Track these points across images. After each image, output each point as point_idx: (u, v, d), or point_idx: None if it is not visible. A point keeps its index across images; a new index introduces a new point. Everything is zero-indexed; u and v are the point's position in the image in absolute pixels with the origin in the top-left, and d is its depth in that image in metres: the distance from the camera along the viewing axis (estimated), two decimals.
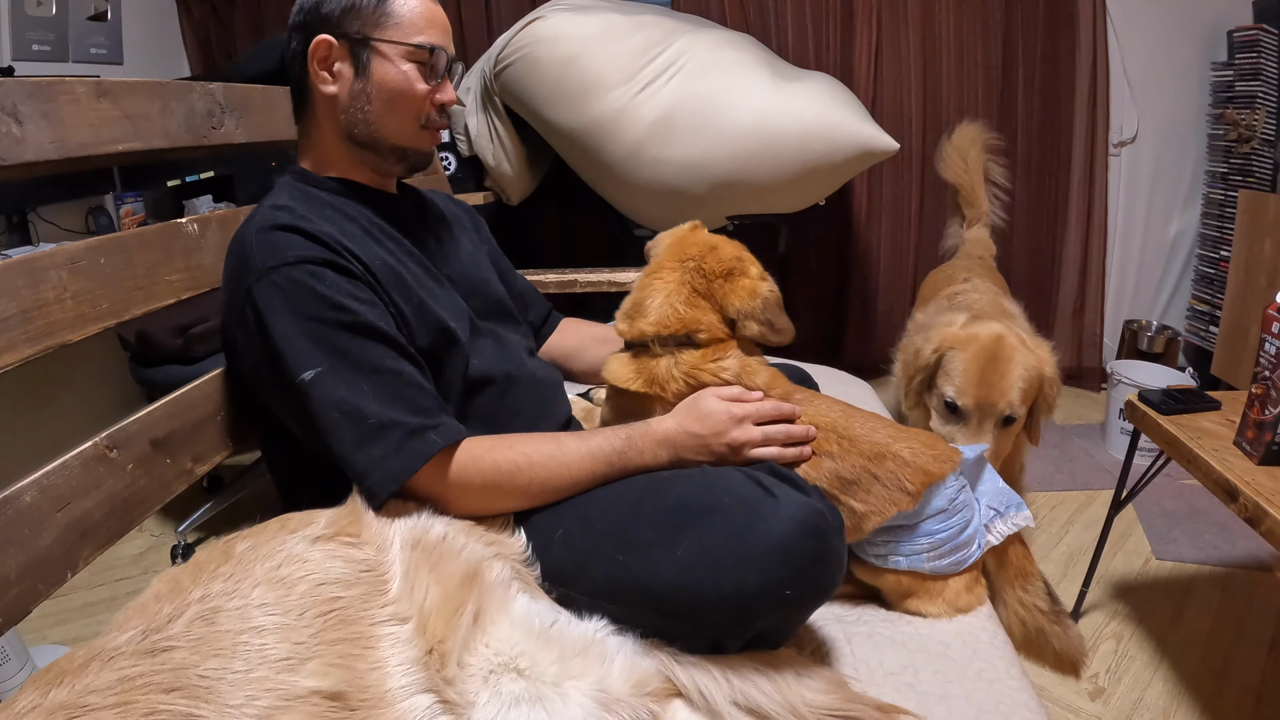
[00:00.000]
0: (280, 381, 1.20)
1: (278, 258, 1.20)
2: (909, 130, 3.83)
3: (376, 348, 1.21)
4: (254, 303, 1.20)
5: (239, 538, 0.99)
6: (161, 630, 0.81)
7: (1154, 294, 3.99)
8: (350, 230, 1.31)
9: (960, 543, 1.35)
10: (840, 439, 1.35)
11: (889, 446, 1.34)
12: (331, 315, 1.18)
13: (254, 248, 1.23)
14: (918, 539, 1.34)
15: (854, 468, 1.32)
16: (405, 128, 1.39)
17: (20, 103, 1.15)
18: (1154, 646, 2.19)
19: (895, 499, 1.31)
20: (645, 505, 1.18)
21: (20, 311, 1.12)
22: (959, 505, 1.35)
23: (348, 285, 1.22)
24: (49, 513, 1.10)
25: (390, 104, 1.36)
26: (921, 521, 1.33)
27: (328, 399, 1.15)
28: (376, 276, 1.28)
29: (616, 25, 2.93)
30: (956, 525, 1.34)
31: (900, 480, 1.31)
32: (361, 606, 0.89)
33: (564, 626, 1.03)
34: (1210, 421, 1.94)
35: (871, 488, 1.32)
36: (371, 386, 1.17)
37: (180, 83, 1.49)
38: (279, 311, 1.18)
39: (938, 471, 1.33)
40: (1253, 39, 3.31)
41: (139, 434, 1.27)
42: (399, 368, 1.21)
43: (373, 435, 1.15)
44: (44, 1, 3.73)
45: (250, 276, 1.21)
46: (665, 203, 3.04)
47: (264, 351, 1.21)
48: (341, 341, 1.18)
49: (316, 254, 1.22)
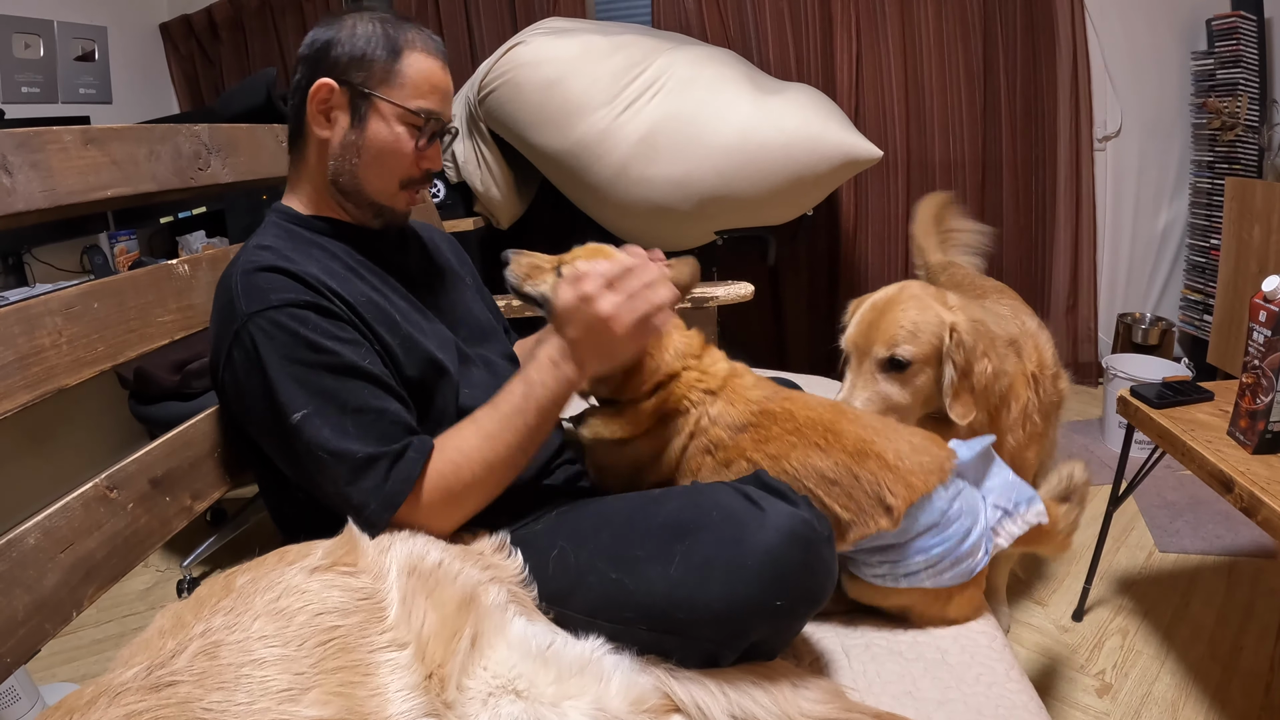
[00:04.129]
0: (268, 423, 1.23)
1: (262, 301, 1.22)
2: (893, 137, 3.86)
3: (361, 387, 1.23)
4: (241, 347, 1.22)
5: (239, 571, 1.00)
6: (165, 665, 0.82)
7: (1146, 286, 4.01)
8: (334, 269, 1.33)
9: (962, 554, 1.31)
10: (826, 433, 1.33)
11: (873, 444, 1.31)
12: (314, 358, 1.20)
13: (239, 291, 1.25)
14: (911, 558, 1.30)
15: (836, 465, 1.30)
16: (387, 185, 1.42)
17: (9, 153, 1.17)
18: (1160, 640, 2.19)
19: (875, 515, 1.28)
20: (637, 523, 1.19)
21: (17, 359, 1.14)
22: (953, 516, 1.31)
23: (330, 326, 1.24)
24: (53, 554, 1.11)
25: (378, 160, 1.39)
26: (911, 541, 1.30)
27: (315, 440, 1.18)
28: (360, 314, 1.30)
29: (597, 46, 2.97)
30: (954, 537, 1.30)
31: (880, 491, 1.28)
32: (360, 634, 0.90)
33: (561, 647, 1.03)
34: (1203, 413, 1.96)
35: (854, 492, 1.29)
36: (356, 426, 1.19)
37: (166, 126, 1.51)
38: (264, 355, 1.20)
39: (921, 486, 1.29)
40: (1231, 26, 3.34)
41: (138, 473, 1.29)
42: (383, 405, 1.23)
43: (362, 469, 1.17)
44: (32, 44, 3.77)
45: (236, 321, 1.23)
46: (653, 221, 3.06)
47: (251, 394, 1.23)
48: (325, 383, 1.20)
49: (299, 297, 1.24)
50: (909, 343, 1.65)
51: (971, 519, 1.33)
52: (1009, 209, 3.93)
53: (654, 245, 1.55)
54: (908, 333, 1.66)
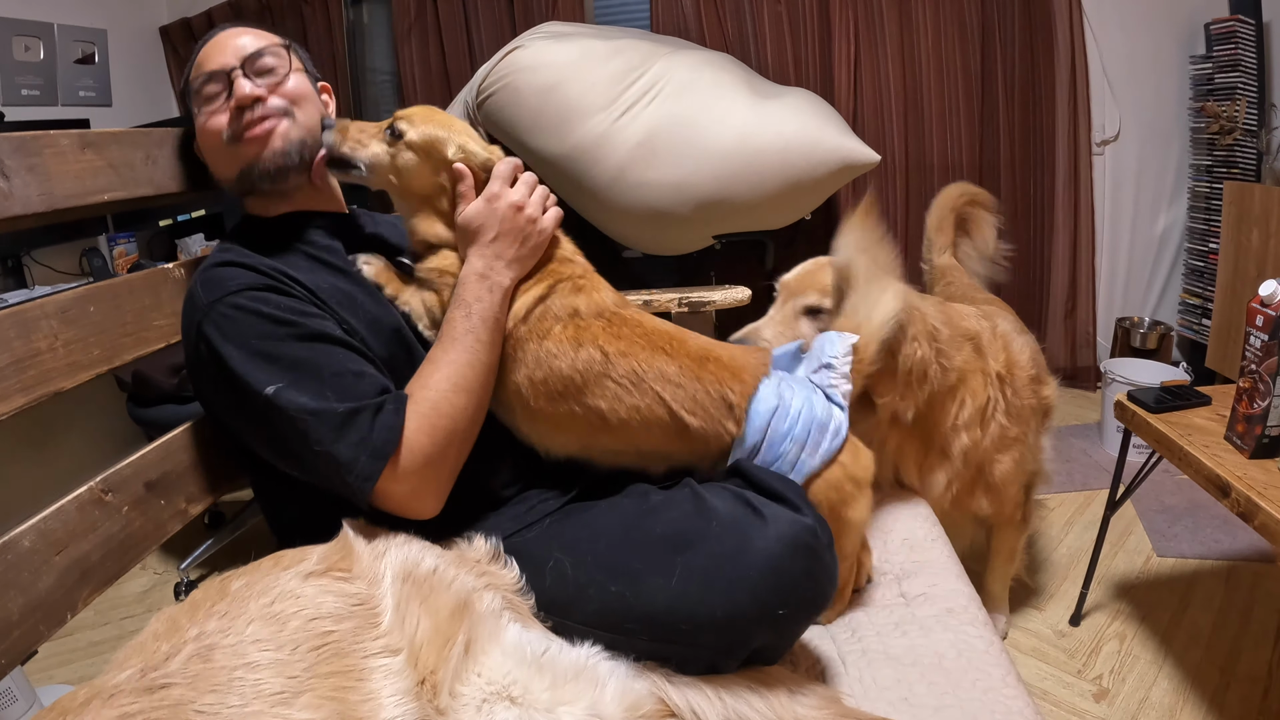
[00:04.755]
0: (246, 409, 1.21)
1: (221, 289, 1.22)
2: (891, 142, 3.86)
3: (334, 351, 1.21)
4: (206, 339, 1.21)
5: (234, 575, 1.00)
6: (159, 668, 0.83)
7: (1145, 290, 4.01)
8: (295, 261, 1.34)
9: (822, 420, 1.33)
10: (670, 340, 1.34)
11: (712, 350, 1.36)
12: (281, 331, 1.20)
13: (198, 287, 1.26)
14: (780, 446, 1.30)
15: (681, 369, 1.31)
16: (221, 158, 1.41)
17: (6, 157, 1.17)
18: (1158, 645, 2.19)
19: (723, 419, 1.31)
20: (636, 534, 1.19)
21: (13, 361, 1.14)
22: (788, 397, 1.33)
23: (291, 303, 1.24)
24: (48, 556, 1.12)
25: (205, 150, 1.44)
26: (768, 434, 1.31)
27: (293, 405, 1.15)
28: (321, 299, 1.29)
29: (595, 51, 2.97)
30: (804, 409, 1.32)
31: (722, 390, 1.31)
32: (354, 640, 0.90)
33: (556, 653, 1.04)
34: (1201, 418, 1.95)
35: (698, 395, 1.30)
36: (334, 389, 1.17)
37: (163, 130, 1.52)
38: (230, 341, 1.19)
39: (752, 381, 1.34)
40: (1229, 30, 3.34)
41: (133, 477, 1.29)
42: (360, 368, 1.22)
43: (346, 423, 1.15)
44: (31, 46, 3.77)
45: (198, 314, 1.23)
46: (651, 225, 3.07)
47: (225, 383, 1.21)
48: (296, 353, 1.19)
49: (257, 281, 1.24)
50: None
51: (806, 388, 1.37)
52: (1007, 213, 3.90)
53: (652, 249, 1.56)
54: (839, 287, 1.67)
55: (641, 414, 1.30)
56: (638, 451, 1.35)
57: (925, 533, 1.68)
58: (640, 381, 1.29)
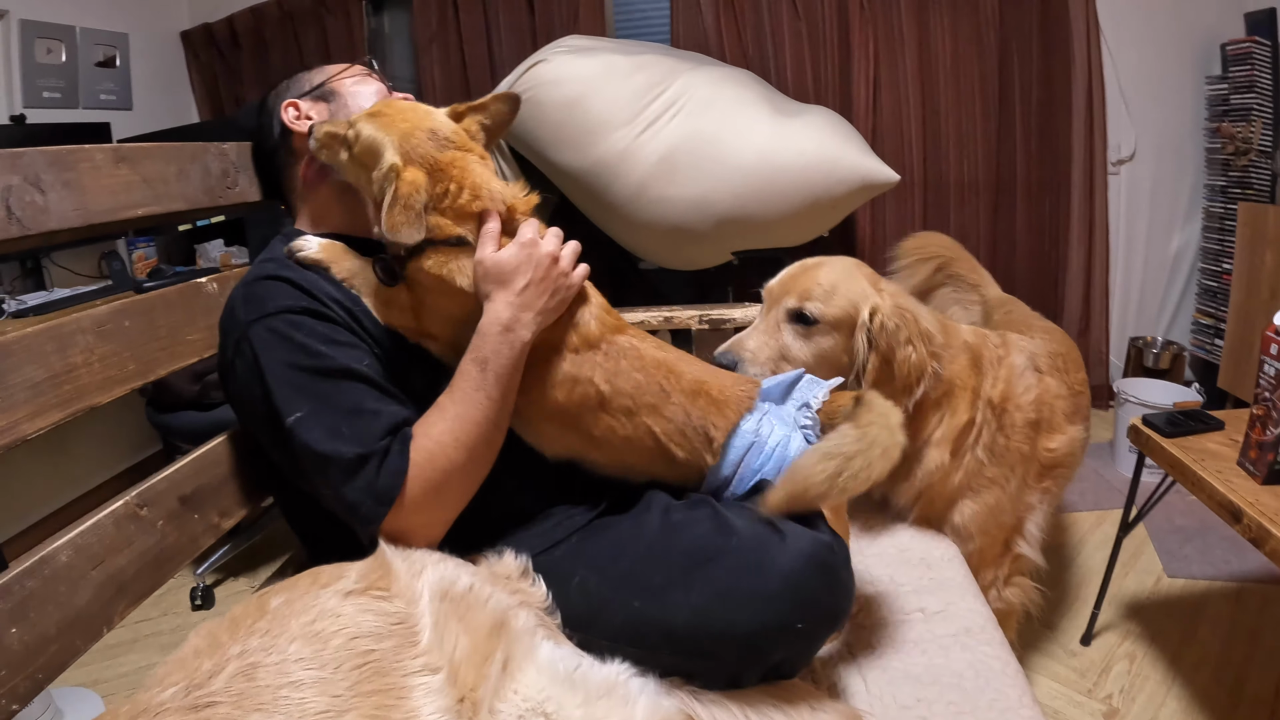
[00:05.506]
0: (269, 430, 1.24)
1: (260, 309, 1.25)
2: (909, 160, 3.87)
3: (354, 388, 1.22)
4: (240, 355, 1.25)
5: (272, 592, 1.01)
6: (203, 686, 0.84)
7: (1158, 310, 4.01)
8: (330, 286, 1.35)
9: (794, 457, 1.31)
10: (669, 373, 1.36)
11: (706, 384, 1.37)
12: (309, 362, 1.21)
13: (239, 301, 1.28)
14: (751, 480, 1.33)
15: (675, 405, 1.33)
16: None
17: (42, 171, 1.19)
18: (1167, 665, 2.20)
19: (703, 451, 1.34)
20: (658, 550, 1.21)
21: (50, 377, 1.16)
22: (765, 434, 1.34)
23: (326, 330, 1.25)
24: (84, 571, 1.14)
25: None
26: (739, 469, 1.33)
27: (310, 441, 1.17)
28: (360, 320, 1.32)
29: (618, 66, 2.98)
30: (776, 446, 1.33)
31: (706, 425, 1.33)
32: (394, 658, 0.91)
33: (587, 670, 1.04)
34: (1214, 442, 1.97)
35: (686, 429, 1.33)
36: (349, 427, 1.18)
37: (195, 145, 1.54)
38: (263, 362, 1.22)
39: (735, 416, 1.35)
40: (1245, 51, 3.35)
41: (167, 491, 1.31)
42: (378, 408, 1.22)
43: (354, 470, 1.16)
44: (53, 49, 3.79)
45: (235, 330, 1.26)
46: (671, 240, 3.08)
47: (252, 401, 1.25)
48: (319, 387, 1.20)
49: (296, 303, 1.26)
50: (821, 300, 1.65)
51: (787, 426, 1.36)
52: (1023, 231, 3.94)
53: (672, 264, 1.57)
54: (824, 291, 1.66)
55: (632, 444, 1.34)
56: (624, 469, 1.38)
57: (941, 552, 1.70)
58: (633, 416, 1.32)
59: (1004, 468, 1.77)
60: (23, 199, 1.15)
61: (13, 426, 1.10)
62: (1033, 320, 2.26)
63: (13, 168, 1.14)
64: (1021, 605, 1.87)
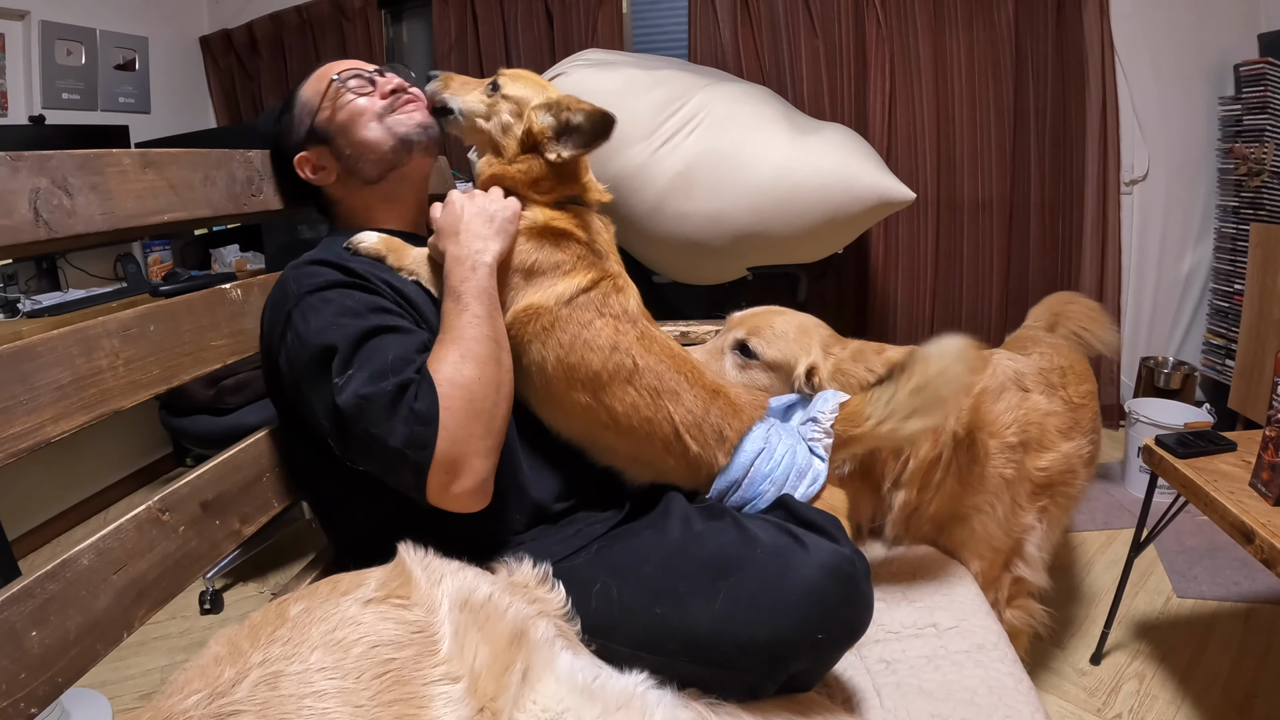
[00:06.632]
0: (317, 392, 1.26)
1: (313, 284, 1.31)
2: (923, 177, 3.89)
3: (398, 341, 1.27)
4: (293, 327, 1.29)
5: (291, 600, 1.01)
6: (226, 695, 0.84)
7: (1170, 330, 4.01)
8: (383, 272, 1.40)
9: (802, 467, 1.38)
10: (692, 368, 1.42)
11: (724, 387, 1.44)
12: (357, 323, 1.26)
13: (290, 280, 1.34)
14: (758, 486, 1.37)
15: (696, 398, 1.39)
16: (376, 130, 1.51)
17: (70, 175, 1.19)
18: (1177, 685, 2.20)
19: (717, 449, 1.38)
20: (680, 559, 1.22)
21: (75, 380, 1.16)
22: (774, 440, 1.39)
23: (373, 300, 1.32)
24: (106, 575, 1.14)
25: (353, 130, 1.51)
26: (750, 473, 1.37)
27: (355, 389, 1.20)
28: (409, 298, 1.38)
29: (637, 81, 3.00)
30: (786, 454, 1.38)
31: (722, 425, 1.39)
32: (414, 667, 0.91)
33: (606, 680, 1.05)
34: (1226, 463, 1.97)
35: (703, 424, 1.38)
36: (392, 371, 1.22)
37: (221, 152, 1.55)
38: (313, 327, 1.27)
39: (749, 419, 1.41)
40: (1259, 73, 3.35)
41: (190, 496, 1.32)
42: (417, 358, 1.26)
43: (396, 399, 1.19)
44: (73, 51, 3.82)
45: (288, 304, 1.31)
46: (688, 255, 3.09)
47: (301, 369, 1.28)
48: (366, 345, 1.25)
49: (347, 280, 1.32)
50: (765, 341, 1.71)
51: (793, 438, 1.41)
52: (1035, 250, 3.95)
53: (688, 278, 1.59)
54: (772, 333, 1.71)
55: (651, 426, 1.36)
56: (633, 457, 1.41)
57: (953, 568, 1.71)
58: (658, 397, 1.36)
59: (985, 495, 1.75)
60: (50, 202, 1.16)
61: (38, 428, 1.11)
62: (1040, 336, 2.27)
63: (41, 170, 1.15)
64: (1027, 627, 1.87)
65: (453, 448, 1.18)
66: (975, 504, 1.75)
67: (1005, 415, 1.78)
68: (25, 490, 3.25)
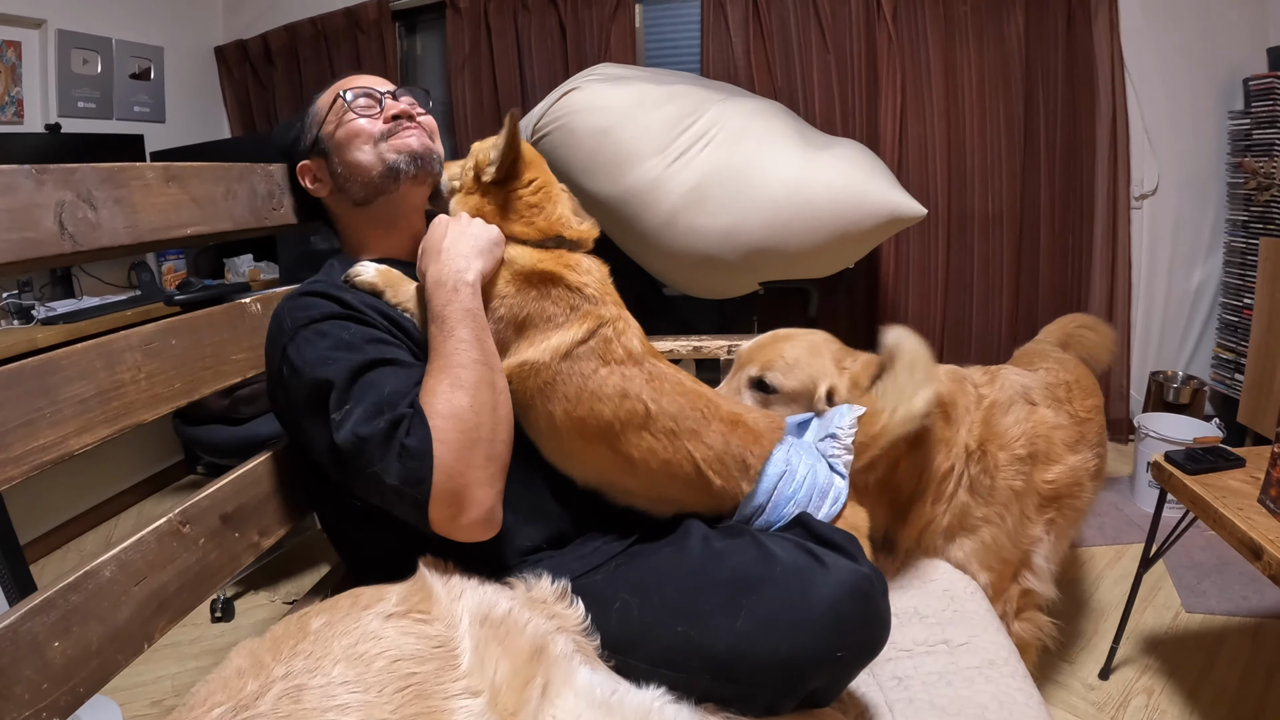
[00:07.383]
0: (315, 427, 1.27)
1: (306, 316, 1.31)
2: (934, 193, 3.89)
3: (393, 374, 1.27)
4: (289, 360, 1.29)
5: (312, 613, 1.02)
6: (250, 708, 0.85)
7: (1179, 344, 4.00)
8: (378, 303, 1.41)
9: (823, 487, 1.40)
10: (707, 403, 1.40)
11: (742, 416, 1.43)
12: (352, 357, 1.26)
13: (285, 312, 1.35)
14: (783, 509, 1.38)
15: (714, 433, 1.38)
16: (368, 154, 1.52)
17: (94, 188, 1.21)
18: (1185, 699, 2.19)
19: (740, 478, 1.38)
20: (701, 577, 1.23)
21: (98, 393, 1.18)
22: (795, 461, 1.41)
23: (369, 332, 1.32)
24: (127, 586, 1.15)
25: (348, 149, 1.52)
26: (773, 496, 1.38)
27: (353, 428, 1.20)
28: (404, 329, 1.39)
29: (650, 95, 3.01)
30: (808, 476, 1.39)
31: (744, 454, 1.39)
32: (435, 681, 0.92)
33: (624, 696, 1.05)
34: (1235, 480, 1.97)
35: (725, 458, 1.38)
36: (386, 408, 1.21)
37: (243, 166, 1.57)
38: (309, 360, 1.27)
39: (769, 445, 1.42)
40: (1268, 87, 3.35)
41: (210, 509, 1.33)
42: (409, 390, 1.25)
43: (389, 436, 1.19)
44: (89, 60, 3.84)
45: (284, 338, 1.31)
46: (700, 270, 3.10)
47: (299, 403, 1.29)
48: (361, 380, 1.24)
49: (342, 312, 1.33)
50: (781, 373, 1.70)
51: (812, 456, 1.43)
52: (1045, 264, 3.95)
53: (700, 293, 1.60)
54: (785, 364, 1.71)
55: (671, 468, 1.36)
56: (655, 497, 1.40)
57: (964, 585, 1.71)
58: (675, 438, 1.35)
59: (996, 506, 1.78)
60: (75, 215, 1.17)
61: (62, 441, 1.12)
62: (1048, 351, 2.32)
63: (66, 183, 1.17)
64: (1035, 639, 1.88)
65: (451, 480, 1.18)
66: (985, 515, 1.77)
67: (1014, 428, 1.81)
68: (36, 496, 3.25)
